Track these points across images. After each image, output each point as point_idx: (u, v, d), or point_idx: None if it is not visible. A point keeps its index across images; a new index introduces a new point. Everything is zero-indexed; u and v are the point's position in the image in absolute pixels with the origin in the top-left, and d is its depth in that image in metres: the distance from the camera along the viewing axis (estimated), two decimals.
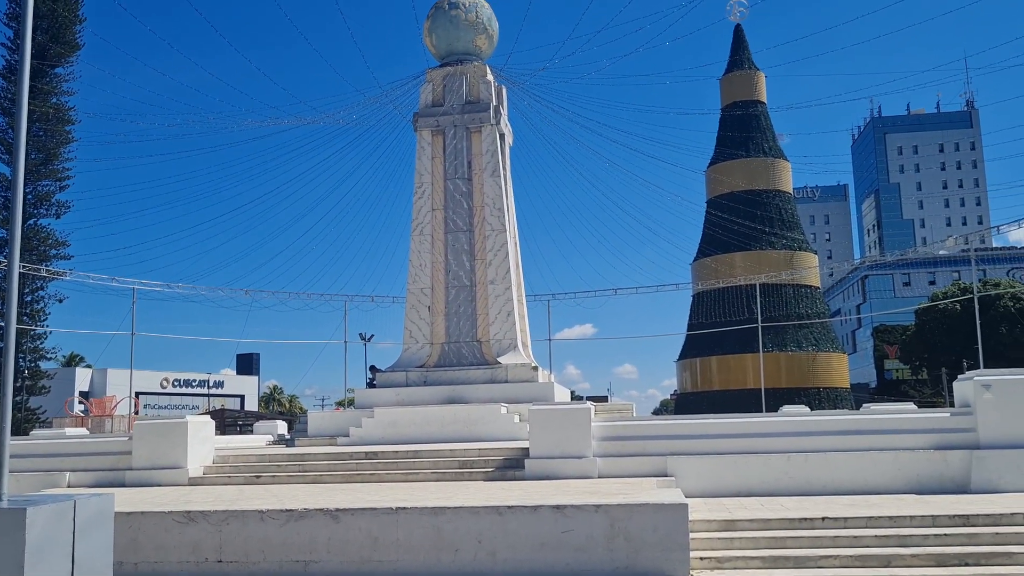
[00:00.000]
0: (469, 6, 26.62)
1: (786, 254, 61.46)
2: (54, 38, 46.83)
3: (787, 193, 66.01)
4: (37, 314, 47.10)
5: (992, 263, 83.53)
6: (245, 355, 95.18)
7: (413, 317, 25.79)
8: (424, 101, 26.85)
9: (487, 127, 26.16)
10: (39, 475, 17.19)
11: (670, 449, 15.51)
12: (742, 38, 68.15)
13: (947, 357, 63.95)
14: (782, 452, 15.12)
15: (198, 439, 17.40)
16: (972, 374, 15.72)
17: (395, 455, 17.42)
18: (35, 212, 47.54)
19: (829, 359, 61.03)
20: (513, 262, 26.12)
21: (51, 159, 47.76)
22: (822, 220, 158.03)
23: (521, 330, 26.26)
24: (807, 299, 62.11)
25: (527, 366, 24.46)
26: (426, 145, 26.41)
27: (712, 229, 63.86)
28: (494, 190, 25.84)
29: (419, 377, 24.73)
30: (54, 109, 47.06)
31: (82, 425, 37.09)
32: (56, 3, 47.06)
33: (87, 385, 74.74)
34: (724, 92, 67.67)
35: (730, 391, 58.77)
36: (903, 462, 14.80)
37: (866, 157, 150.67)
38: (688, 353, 65.05)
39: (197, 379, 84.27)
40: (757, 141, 64.75)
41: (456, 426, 20.96)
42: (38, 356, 47.89)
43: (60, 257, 47.79)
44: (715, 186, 65.20)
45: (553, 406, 16.93)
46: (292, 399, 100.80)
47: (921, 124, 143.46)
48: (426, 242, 25.94)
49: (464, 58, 26.91)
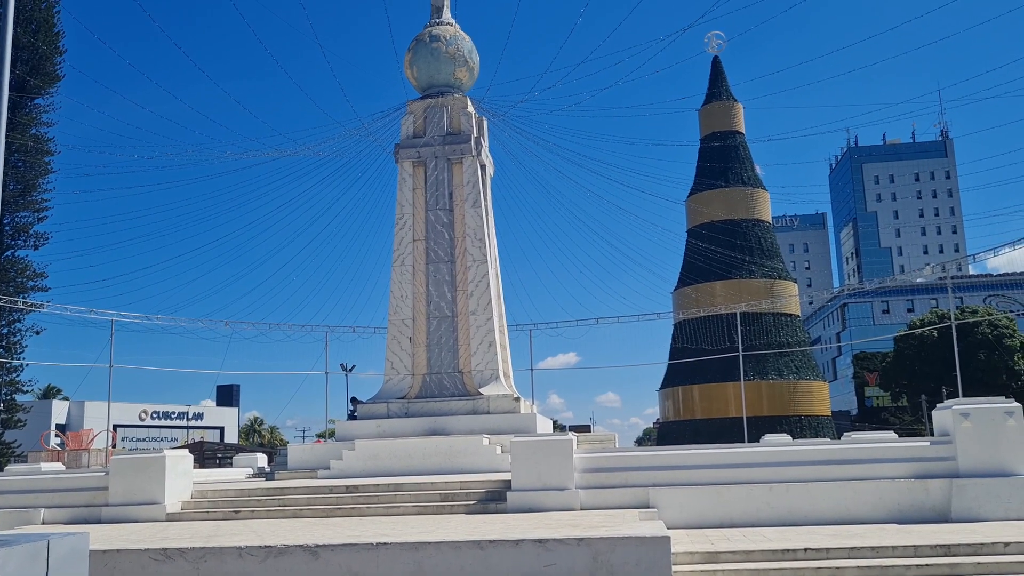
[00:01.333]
0: (450, 39, 26.82)
1: (766, 283, 61.86)
2: (34, 69, 46.73)
3: (766, 222, 66.57)
4: (14, 346, 46.55)
5: (969, 291, 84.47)
6: (225, 386, 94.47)
7: (395, 348, 25.69)
8: (405, 132, 26.95)
9: (468, 158, 26.27)
10: (13, 512, 16.90)
11: (652, 480, 15.48)
12: (720, 70, 68.99)
13: (926, 384, 64.34)
14: (764, 482, 15.13)
15: (176, 473, 17.19)
16: (951, 403, 15.83)
17: (376, 488, 17.28)
18: (13, 243, 47.16)
19: (810, 387, 61.25)
20: (495, 292, 26.12)
21: (29, 190, 47.45)
22: (801, 248, 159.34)
23: (503, 360, 26.21)
24: (787, 327, 62.45)
25: (509, 397, 24.38)
26: (407, 176, 26.47)
27: (693, 258, 64.23)
28: (475, 221, 25.89)
29: (400, 409, 24.59)
30: (33, 140, 46.86)
31: (58, 459, 36.55)
32: (36, 35, 47.03)
33: (64, 418, 73.82)
34: (703, 123, 68.37)
35: (712, 419, 58.80)
36: (884, 491, 14.84)
37: (843, 186, 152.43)
38: (670, 382, 65.13)
39: (176, 411, 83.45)
40: (736, 171, 65.36)
41: (438, 458, 20.83)
42: (14, 389, 47.23)
43: (38, 289, 47.36)
44: (695, 216, 65.67)
45: (535, 438, 16.87)
46: (273, 430, 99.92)
47: (897, 154, 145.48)
48: (407, 273, 25.91)
49: (445, 90, 27.06)
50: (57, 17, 48.82)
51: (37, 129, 47.72)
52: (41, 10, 48.15)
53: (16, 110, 44.70)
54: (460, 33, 27.19)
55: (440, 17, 27.57)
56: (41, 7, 48.26)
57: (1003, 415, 15.00)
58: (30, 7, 47.07)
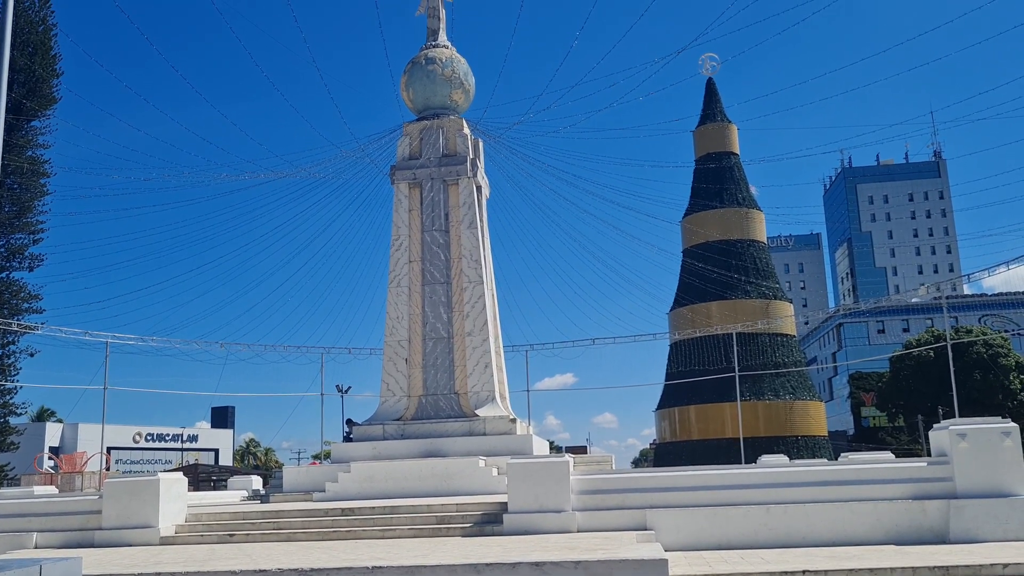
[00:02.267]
0: (446, 61, 26.97)
1: (762, 303, 61.90)
2: (30, 92, 46.86)
3: (761, 243, 66.74)
4: (8, 368, 46.38)
5: (964, 310, 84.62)
6: (220, 408, 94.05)
7: (390, 370, 25.63)
8: (401, 154, 27.03)
9: (464, 180, 26.34)
10: (5, 536, 16.76)
11: (649, 502, 15.42)
12: (714, 91, 69.39)
13: (923, 403, 64.36)
14: (761, 504, 15.07)
15: (170, 497, 17.07)
16: (947, 423, 15.81)
17: (372, 511, 17.17)
18: (8, 265, 47.11)
19: (807, 407, 61.15)
20: (491, 313, 26.11)
21: (25, 212, 47.49)
22: (796, 268, 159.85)
23: (499, 382, 26.15)
24: (783, 347, 62.45)
25: (505, 418, 24.30)
26: (403, 198, 26.52)
27: (688, 279, 64.32)
28: (471, 242, 25.92)
29: (396, 431, 24.50)
30: (29, 162, 46.92)
31: (51, 482, 36.33)
32: (33, 58, 47.20)
33: (58, 440, 73.42)
34: (697, 144, 68.69)
35: (709, 440, 58.64)
36: (882, 512, 14.79)
37: (838, 207, 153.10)
38: (667, 402, 65.01)
39: (171, 433, 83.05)
40: (731, 192, 65.60)
41: (434, 480, 20.73)
42: (8, 411, 47.02)
43: (33, 311, 47.27)
44: (690, 236, 65.81)
45: (531, 459, 16.80)
46: (268, 452, 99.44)
47: (891, 174, 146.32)
48: (403, 294, 25.90)
49: (441, 112, 27.18)
50: (54, 40, 49.05)
51: (33, 151, 47.82)
52: (38, 33, 48.38)
53: (12, 132, 44.77)
54: (456, 55, 27.35)
55: (436, 39, 27.75)
56: (38, 30, 48.50)
57: (1000, 435, 14.98)
58: (27, 30, 47.29)
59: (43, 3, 49.32)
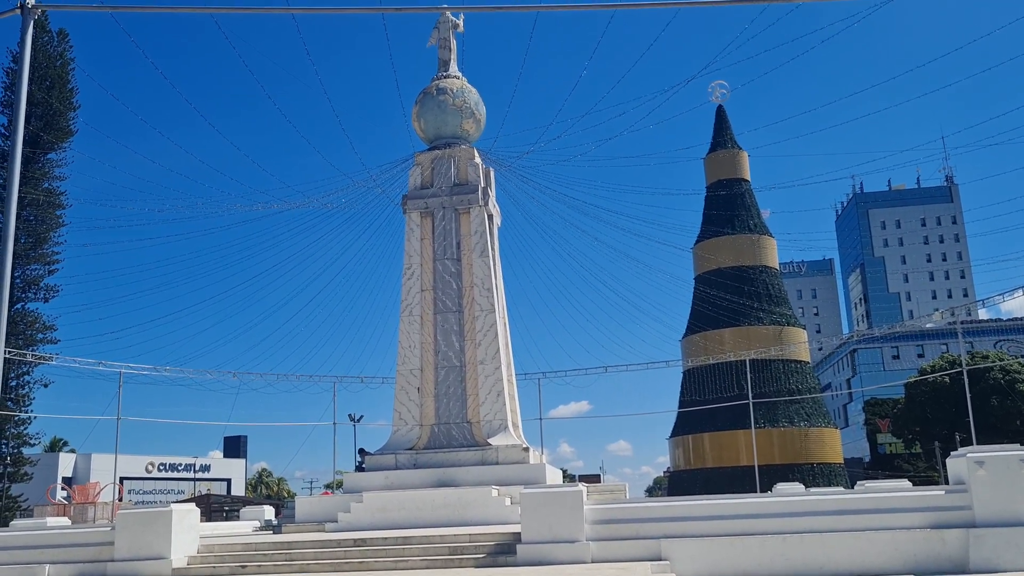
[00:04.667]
0: (457, 91, 27.19)
1: (775, 329, 61.58)
2: (47, 125, 47.41)
3: (773, 269, 66.53)
4: (22, 399, 46.49)
5: (979, 335, 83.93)
6: (233, 438, 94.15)
7: (403, 398, 25.60)
8: (413, 183, 27.17)
9: (475, 208, 26.44)
10: (18, 568, 16.75)
11: (664, 532, 15.27)
12: (724, 119, 69.57)
13: (939, 430, 63.67)
14: (777, 533, 14.90)
15: (182, 527, 17.03)
16: (965, 451, 15.63)
17: (384, 541, 17.08)
18: (23, 296, 47.39)
19: (822, 434, 60.60)
20: (503, 342, 26.08)
21: (40, 243, 47.85)
22: (809, 294, 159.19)
23: (511, 410, 26.07)
24: (797, 374, 62.00)
25: (518, 447, 24.20)
26: (415, 227, 26.63)
27: (700, 306, 64.09)
28: (483, 270, 25.97)
29: (409, 460, 24.42)
30: (45, 194, 47.36)
31: (64, 513, 36.34)
32: (50, 92, 47.81)
33: (71, 471, 73.48)
34: (708, 171, 68.77)
35: (723, 468, 58.12)
36: (900, 542, 14.60)
37: (850, 232, 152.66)
38: (680, 430, 64.56)
39: (183, 463, 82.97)
40: (742, 218, 65.53)
41: (447, 510, 20.62)
42: (21, 442, 47.04)
43: (47, 341, 47.46)
44: (702, 263, 65.68)
45: (545, 489, 16.69)
46: (280, 482, 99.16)
47: (903, 199, 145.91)
48: (415, 323, 25.92)
49: (452, 141, 27.35)
50: (72, 74, 49.70)
51: (49, 183, 48.26)
52: (56, 67, 49.03)
53: (29, 165, 45.26)
54: (467, 86, 27.57)
55: (447, 70, 28.00)
56: (56, 64, 49.15)
57: (1018, 463, 14.79)
58: (45, 64, 47.92)
59: (61, 38, 50.03)
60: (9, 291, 8.30)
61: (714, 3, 17.22)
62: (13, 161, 8.52)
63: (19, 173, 8.31)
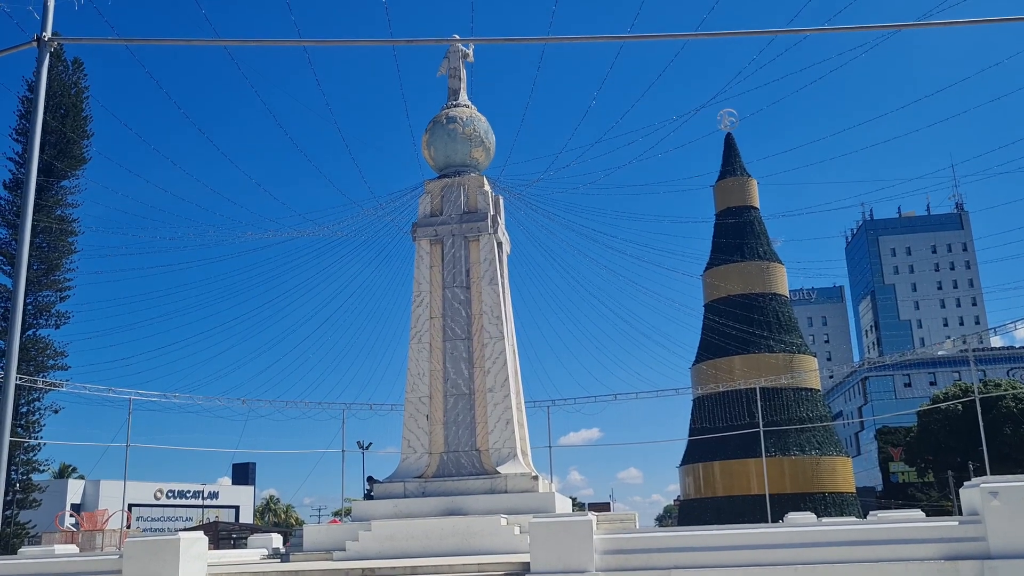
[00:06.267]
0: (466, 120, 27.36)
1: (785, 357, 61.34)
2: (61, 153, 47.87)
3: (783, 296, 66.40)
4: (32, 425, 46.58)
5: (992, 363, 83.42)
6: (241, 464, 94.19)
7: (411, 426, 25.53)
8: (423, 211, 27.28)
9: (485, 236, 26.51)
10: None
11: (674, 563, 15.13)
12: (733, 146, 69.81)
13: (952, 458, 63.13)
14: (789, 564, 14.75)
15: (190, 556, 16.96)
16: (978, 481, 15.48)
17: (393, 571, 16.97)
18: (35, 322, 47.65)
19: (833, 463, 60.16)
20: (512, 369, 26.04)
21: (53, 270, 48.16)
22: (820, 322, 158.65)
23: (521, 438, 25.97)
24: (808, 402, 61.66)
25: (527, 475, 24.07)
26: (424, 254, 26.70)
27: (710, 334, 63.95)
28: (492, 298, 25.99)
29: (417, 488, 24.32)
30: (58, 221, 47.73)
31: (72, 540, 36.29)
32: (65, 120, 48.33)
33: (79, 497, 73.45)
34: (718, 199, 68.91)
35: (734, 497, 57.72)
36: (913, 573, 14.42)
37: (860, 259, 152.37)
38: (691, 458, 64.18)
39: (192, 490, 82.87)
40: (752, 246, 65.52)
41: (455, 539, 20.50)
42: (30, 468, 47.11)
43: (58, 367, 47.64)
44: (712, 291, 65.63)
45: (554, 518, 16.59)
46: (288, 509, 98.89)
47: (913, 226, 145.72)
48: (424, 350, 25.91)
49: (462, 169, 27.48)
50: (86, 102, 50.26)
51: (62, 210, 48.66)
52: (71, 96, 49.60)
53: (42, 193, 45.66)
54: (476, 114, 27.74)
55: (457, 99, 28.19)
56: (71, 92, 49.73)
57: None
58: (60, 92, 48.50)
59: (76, 67, 50.67)
60: (21, 317, 8.39)
61: (721, 35, 17.35)
62: (27, 190, 8.61)
63: (33, 202, 8.42)
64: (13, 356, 8.30)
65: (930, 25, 15.13)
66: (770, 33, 19.54)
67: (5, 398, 8.29)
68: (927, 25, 15.54)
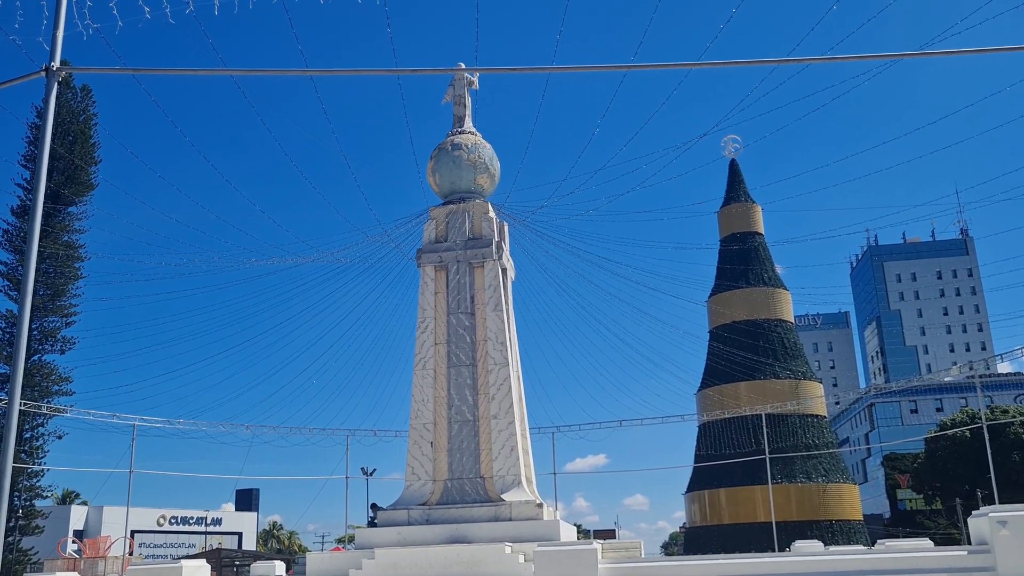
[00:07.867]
0: (471, 147, 27.50)
1: (790, 383, 61.05)
2: (68, 179, 48.07)
3: (788, 322, 66.20)
4: (36, 451, 46.43)
5: (999, 389, 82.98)
6: (245, 490, 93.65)
7: (415, 453, 25.44)
8: (427, 237, 27.36)
9: (489, 262, 26.55)
10: None
11: None
12: (738, 172, 69.91)
13: (960, 486, 62.63)
14: None
15: None
16: (987, 510, 15.37)
17: None
18: (40, 348, 47.65)
19: (840, 490, 59.69)
20: (516, 396, 25.97)
21: (58, 295, 48.22)
22: (825, 348, 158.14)
23: (525, 465, 25.84)
24: (814, 428, 61.29)
25: (532, 503, 23.94)
26: (429, 280, 26.74)
27: (715, 360, 63.73)
28: (497, 324, 25.97)
29: (421, 516, 24.19)
30: (64, 247, 47.87)
31: (75, 568, 36.10)
32: (72, 147, 48.61)
33: (82, 523, 73.08)
34: (722, 225, 68.92)
35: (740, 524, 57.24)
36: None
37: (865, 285, 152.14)
38: (696, 485, 63.74)
39: (195, 516, 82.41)
40: (756, 272, 65.43)
41: (460, 567, 20.35)
42: (34, 494, 46.91)
43: (62, 393, 47.54)
44: (716, 317, 65.47)
45: (559, 547, 16.49)
46: (291, 535, 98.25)
47: (918, 252, 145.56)
48: (429, 376, 25.87)
49: (467, 196, 27.58)
50: (94, 129, 50.55)
51: (69, 236, 48.82)
52: (79, 122, 49.90)
53: (49, 219, 45.83)
54: (481, 141, 27.89)
55: (462, 126, 28.36)
56: (79, 119, 50.04)
57: None
58: (68, 119, 48.79)
59: (85, 94, 51.02)
60: (27, 343, 8.44)
61: (725, 64, 17.47)
62: (34, 216, 8.68)
63: (39, 228, 8.50)
64: (17, 382, 8.31)
65: (932, 55, 15.21)
66: (773, 62, 19.67)
67: (9, 424, 8.30)
68: (929, 54, 15.62)
